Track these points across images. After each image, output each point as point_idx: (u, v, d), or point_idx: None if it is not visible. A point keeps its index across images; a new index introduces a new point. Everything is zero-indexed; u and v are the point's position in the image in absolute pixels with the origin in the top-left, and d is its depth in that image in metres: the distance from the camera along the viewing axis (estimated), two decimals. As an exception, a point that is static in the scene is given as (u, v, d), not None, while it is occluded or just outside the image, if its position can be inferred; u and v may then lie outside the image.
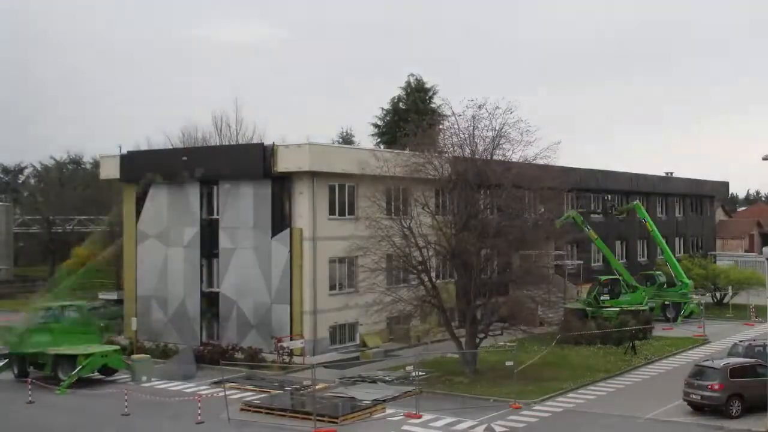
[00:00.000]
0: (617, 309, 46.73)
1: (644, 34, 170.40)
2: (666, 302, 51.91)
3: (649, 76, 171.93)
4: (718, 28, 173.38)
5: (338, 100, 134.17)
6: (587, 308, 47.89)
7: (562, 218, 47.83)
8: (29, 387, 31.20)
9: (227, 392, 30.09)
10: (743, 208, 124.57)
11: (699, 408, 28.16)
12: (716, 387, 27.44)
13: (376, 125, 72.64)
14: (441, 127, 41.42)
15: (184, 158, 42.96)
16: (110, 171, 47.17)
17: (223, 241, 41.67)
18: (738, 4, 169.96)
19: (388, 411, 28.86)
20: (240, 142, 66.99)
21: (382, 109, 72.54)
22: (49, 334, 34.97)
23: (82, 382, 33.40)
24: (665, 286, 53.38)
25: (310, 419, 26.89)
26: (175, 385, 33.60)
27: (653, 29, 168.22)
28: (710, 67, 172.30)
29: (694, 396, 28.19)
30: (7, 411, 30.00)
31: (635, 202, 57.05)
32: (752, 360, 29.77)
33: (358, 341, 41.28)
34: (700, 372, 28.68)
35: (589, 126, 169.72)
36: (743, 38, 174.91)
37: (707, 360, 31.32)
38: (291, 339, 38.19)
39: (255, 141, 63.78)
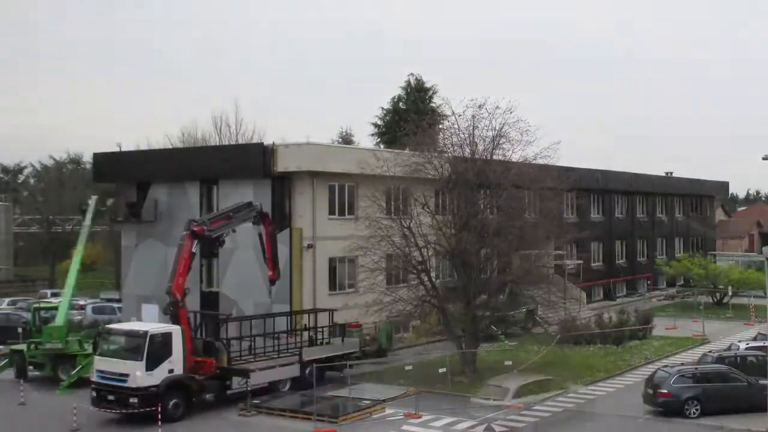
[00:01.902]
0: None
1: (646, 34, 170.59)
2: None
3: (648, 75, 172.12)
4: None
5: (338, 100, 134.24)
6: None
7: None
8: (21, 387, 31.17)
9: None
10: (743, 208, 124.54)
11: None
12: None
13: (376, 125, 72.62)
14: (441, 126, 41.40)
15: None
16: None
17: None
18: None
19: (388, 411, 28.85)
20: (240, 142, 66.98)
21: (382, 108, 72.54)
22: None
23: (82, 382, 33.36)
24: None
25: (310, 419, 26.91)
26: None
27: (655, 29, 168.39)
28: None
29: None
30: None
31: None
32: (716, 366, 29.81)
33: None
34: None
35: (588, 125, 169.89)
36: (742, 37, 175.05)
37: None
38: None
39: (255, 141, 63.77)
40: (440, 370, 31.93)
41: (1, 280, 72.40)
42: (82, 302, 50.46)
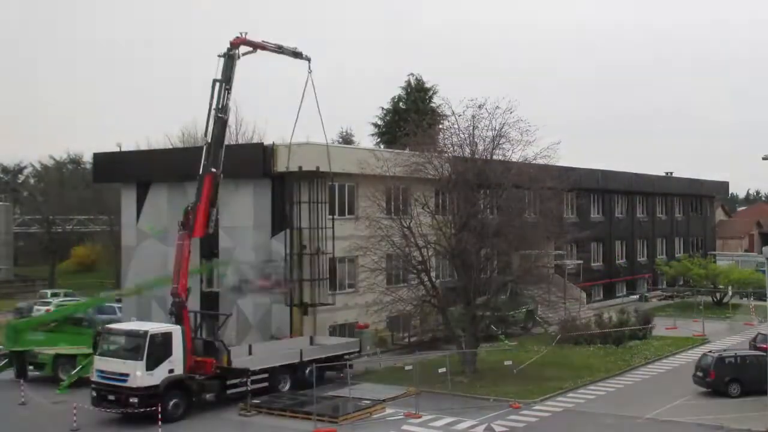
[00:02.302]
0: None
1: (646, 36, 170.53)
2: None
3: (649, 76, 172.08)
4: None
5: (338, 101, 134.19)
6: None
7: None
8: (22, 387, 31.14)
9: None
10: (743, 208, 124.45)
11: None
12: None
13: (376, 125, 72.57)
14: (441, 126, 41.40)
15: None
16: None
17: (223, 241, 41.62)
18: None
19: (388, 411, 28.84)
20: (240, 142, 66.92)
21: (382, 108, 72.49)
22: (45, 332, 34.90)
23: (83, 382, 33.33)
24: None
25: (310, 419, 26.91)
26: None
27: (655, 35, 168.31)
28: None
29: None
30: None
31: None
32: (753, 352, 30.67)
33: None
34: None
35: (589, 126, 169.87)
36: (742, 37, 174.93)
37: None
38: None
39: (255, 141, 63.66)
40: (440, 370, 31.91)
41: (1, 280, 72.46)
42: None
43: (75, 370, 33.03)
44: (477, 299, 34.82)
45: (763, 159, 30.29)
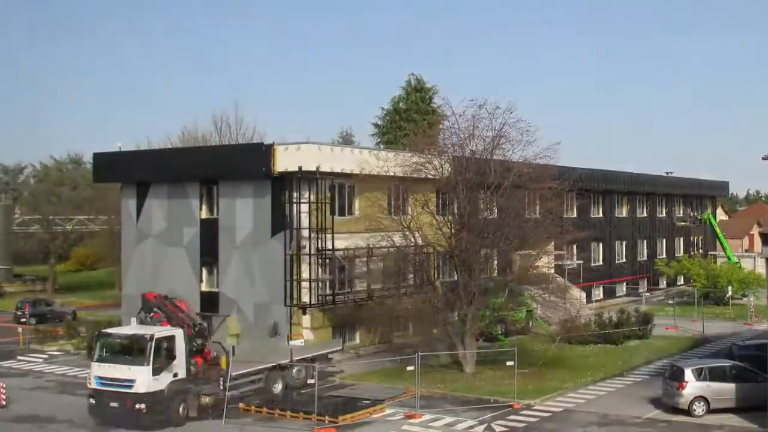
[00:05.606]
0: None
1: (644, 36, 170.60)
2: None
3: (648, 77, 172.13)
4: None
5: (339, 101, 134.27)
6: None
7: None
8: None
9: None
10: (743, 208, 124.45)
11: None
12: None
13: (376, 125, 72.60)
14: (441, 126, 41.45)
15: None
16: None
17: (223, 241, 41.62)
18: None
19: (388, 411, 28.84)
20: (240, 142, 66.94)
21: (383, 108, 72.55)
22: None
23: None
24: None
25: (311, 419, 26.91)
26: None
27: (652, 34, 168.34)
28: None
29: None
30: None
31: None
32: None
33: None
34: None
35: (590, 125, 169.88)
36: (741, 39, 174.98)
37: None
38: (290, 339, 38.14)
39: (255, 141, 63.73)
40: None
41: (0, 280, 72.47)
42: None
43: None
44: (477, 299, 34.83)
45: (763, 159, 30.24)
